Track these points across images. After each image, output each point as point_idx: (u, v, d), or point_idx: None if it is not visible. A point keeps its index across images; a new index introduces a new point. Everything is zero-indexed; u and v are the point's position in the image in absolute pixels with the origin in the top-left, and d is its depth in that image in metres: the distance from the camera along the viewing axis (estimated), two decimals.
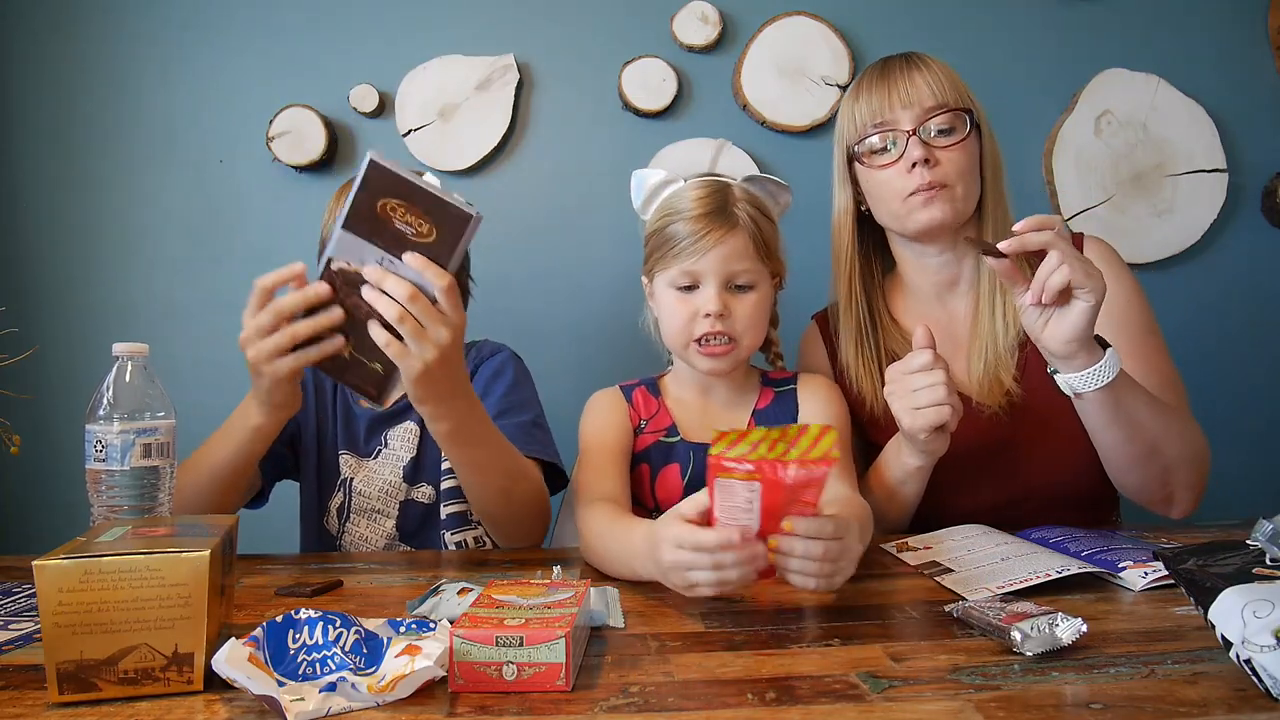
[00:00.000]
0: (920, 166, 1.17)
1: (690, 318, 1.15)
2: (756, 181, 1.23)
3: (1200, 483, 1.15)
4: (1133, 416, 1.05)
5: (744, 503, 0.81)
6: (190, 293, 1.80)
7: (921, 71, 1.19)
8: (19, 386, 1.28)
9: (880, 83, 1.21)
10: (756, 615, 0.85)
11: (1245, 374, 1.90)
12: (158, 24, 1.81)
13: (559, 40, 1.84)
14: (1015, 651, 0.72)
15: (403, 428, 1.31)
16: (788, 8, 1.82)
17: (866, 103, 1.21)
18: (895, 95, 1.19)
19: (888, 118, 1.19)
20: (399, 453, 1.30)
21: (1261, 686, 0.63)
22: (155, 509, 0.89)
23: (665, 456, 1.20)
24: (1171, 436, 1.09)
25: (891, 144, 1.19)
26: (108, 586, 0.65)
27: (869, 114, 1.21)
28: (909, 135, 1.18)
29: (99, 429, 0.87)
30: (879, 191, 1.22)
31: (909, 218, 1.20)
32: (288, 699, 0.63)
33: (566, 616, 0.70)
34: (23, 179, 1.81)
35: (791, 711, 0.63)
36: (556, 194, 1.85)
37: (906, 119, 1.18)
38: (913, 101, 1.18)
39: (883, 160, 1.20)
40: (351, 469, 1.31)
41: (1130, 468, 1.12)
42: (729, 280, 1.15)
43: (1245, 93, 1.87)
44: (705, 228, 1.13)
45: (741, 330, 1.16)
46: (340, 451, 1.32)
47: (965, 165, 1.19)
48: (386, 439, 1.31)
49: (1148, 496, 1.16)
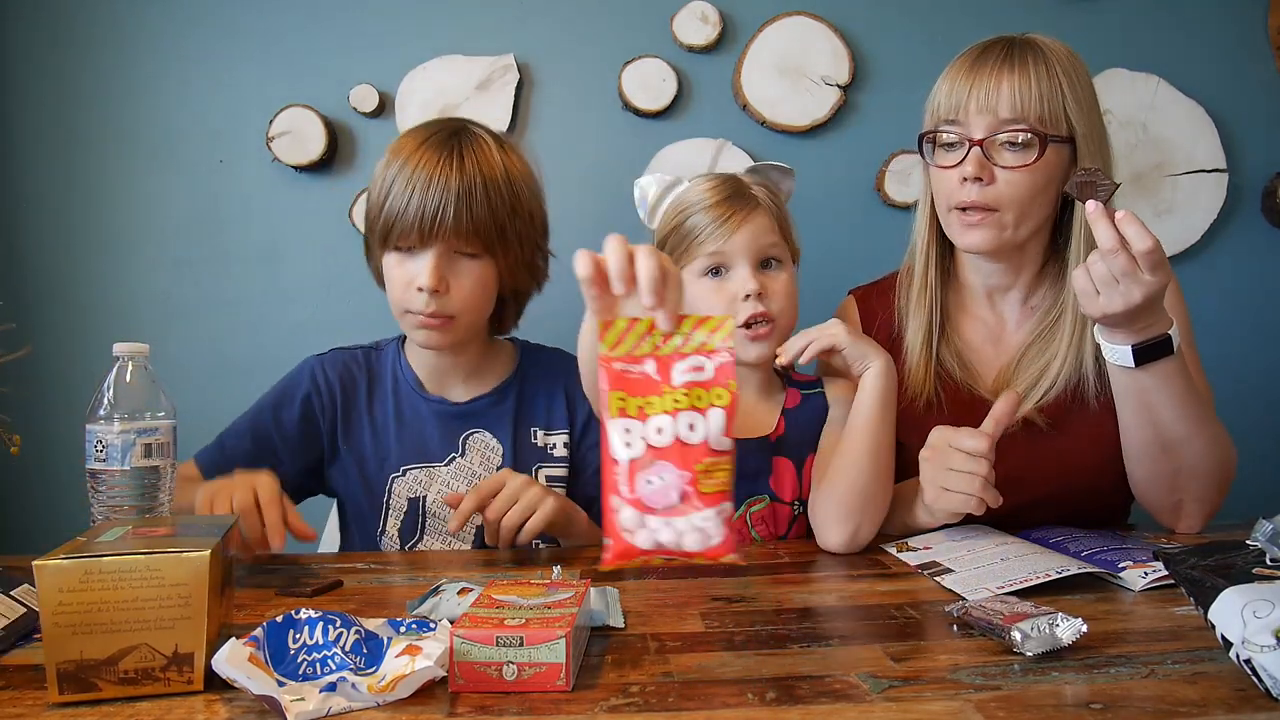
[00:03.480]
0: (972, 183, 1.10)
1: (727, 305, 1.13)
2: (759, 171, 1.22)
3: (1213, 499, 1.13)
4: (1155, 410, 1.04)
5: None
6: (190, 293, 1.80)
7: (1014, 73, 1.09)
8: (19, 386, 1.28)
9: (967, 75, 1.11)
10: (756, 615, 0.85)
11: (1245, 374, 1.90)
12: (158, 24, 1.81)
13: (559, 40, 1.84)
14: (1015, 651, 0.72)
15: (484, 439, 1.25)
16: (788, 8, 1.82)
17: (949, 93, 1.13)
18: (975, 95, 1.10)
19: (960, 118, 1.11)
20: (477, 468, 1.24)
21: (1261, 686, 0.63)
22: (155, 509, 0.89)
23: None
24: (1193, 443, 1.07)
25: (956, 146, 1.12)
26: (108, 586, 0.65)
27: (946, 106, 1.13)
28: (974, 145, 1.10)
29: (99, 429, 0.87)
30: (935, 187, 1.18)
31: (951, 230, 1.16)
32: (288, 699, 0.63)
33: (566, 616, 0.70)
34: (23, 179, 1.81)
35: (791, 711, 0.63)
36: (556, 194, 1.83)
37: (979, 126, 1.10)
38: (990, 108, 1.09)
39: (944, 160, 1.14)
40: (423, 485, 1.23)
41: (1139, 457, 1.10)
42: (760, 257, 1.14)
43: (1245, 93, 1.87)
44: (727, 211, 1.13)
45: (779, 310, 1.15)
46: (406, 468, 1.24)
47: (1025, 190, 1.11)
48: (465, 445, 1.25)
49: (1155, 499, 1.14)
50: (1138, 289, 0.94)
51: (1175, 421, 1.05)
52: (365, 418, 1.26)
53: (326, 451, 1.27)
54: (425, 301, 1.15)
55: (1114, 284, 0.95)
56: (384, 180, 1.17)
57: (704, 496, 0.70)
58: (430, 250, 1.15)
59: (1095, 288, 0.96)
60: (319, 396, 1.26)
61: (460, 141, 1.17)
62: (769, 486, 1.18)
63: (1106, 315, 0.97)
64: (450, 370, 1.28)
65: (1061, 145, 1.11)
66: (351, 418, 1.26)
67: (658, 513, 0.70)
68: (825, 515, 1.09)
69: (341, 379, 1.27)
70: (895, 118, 1.84)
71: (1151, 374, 1.02)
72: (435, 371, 1.28)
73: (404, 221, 1.14)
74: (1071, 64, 1.13)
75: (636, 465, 0.71)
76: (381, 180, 1.17)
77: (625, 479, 0.71)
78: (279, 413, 1.25)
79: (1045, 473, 1.16)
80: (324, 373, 1.27)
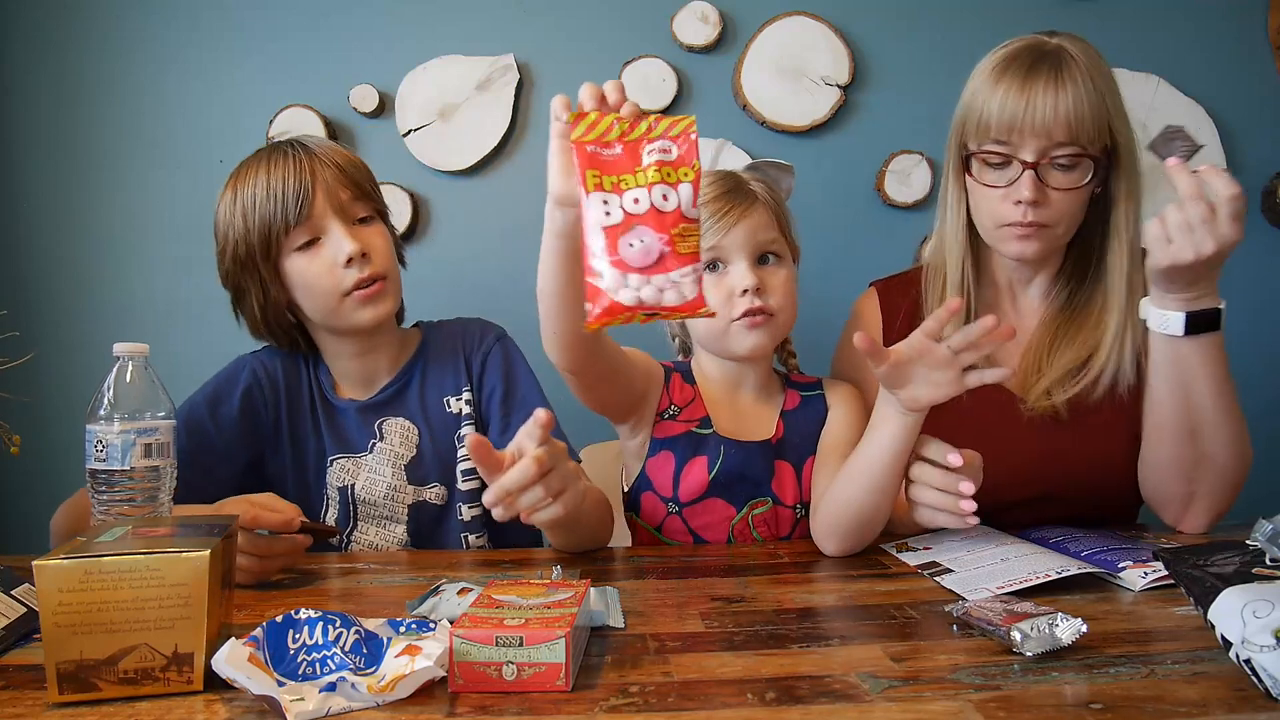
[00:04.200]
0: (1026, 205, 1.10)
1: (725, 300, 1.13)
2: (758, 168, 1.22)
3: (1224, 498, 1.13)
4: (1192, 386, 1.05)
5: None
6: (190, 293, 1.80)
7: (1065, 93, 1.07)
8: (19, 388, 1.28)
9: (1021, 90, 1.08)
10: (756, 615, 0.85)
11: (1245, 374, 1.88)
12: (158, 24, 1.81)
13: (559, 40, 1.84)
14: (1015, 652, 0.72)
15: (399, 423, 1.26)
16: (788, 8, 1.82)
17: (1000, 106, 1.09)
18: (1030, 114, 1.07)
19: (1013, 140, 1.09)
20: (398, 449, 1.25)
21: (1261, 686, 0.63)
22: (155, 509, 0.89)
23: (695, 448, 1.17)
24: (1220, 431, 1.07)
25: (1003, 165, 1.11)
26: (108, 586, 0.65)
27: (996, 124, 1.09)
28: (1026, 168, 1.09)
29: (99, 429, 0.87)
30: (978, 203, 1.17)
31: (998, 243, 1.16)
32: (288, 699, 0.63)
33: (566, 616, 0.70)
34: (23, 179, 1.81)
35: (791, 711, 0.63)
36: None
37: (1030, 149, 1.09)
38: (1044, 130, 1.07)
39: (992, 179, 1.12)
40: (349, 473, 1.24)
41: (1165, 438, 1.10)
42: (758, 252, 1.14)
43: (1245, 93, 1.87)
44: (725, 206, 1.13)
45: (778, 305, 1.14)
46: (334, 458, 1.25)
47: (1076, 206, 1.13)
48: (381, 430, 1.25)
49: (1168, 488, 1.13)
50: (1211, 239, 0.96)
51: (1209, 402, 1.06)
52: (307, 410, 1.27)
53: (270, 445, 1.25)
54: (360, 268, 1.17)
55: (1189, 231, 0.96)
56: (246, 202, 1.18)
57: (679, 257, 0.77)
58: (333, 224, 1.17)
59: (1169, 235, 0.97)
60: (261, 391, 1.25)
61: (299, 143, 1.23)
62: (771, 490, 1.18)
63: (1175, 264, 0.97)
64: (374, 373, 1.28)
65: (1105, 157, 1.13)
66: (296, 409, 1.27)
67: (639, 271, 0.77)
68: (826, 530, 1.08)
69: (284, 371, 1.27)
70: (895, 118, 1.84)
71: (1196, 347, 1.03)
72: (359, 375, 1.28)
73: (289, 213, 1.16)
74: (1103, 68, 1.12)
75: (617, 230, 0.78)
76: (241, 208, 1.18)
77: (608, 243, 0.78)
78: (216, 409, 1.23)
79: (1061, 466, 1.17)
80: (263, 366, 1.26)
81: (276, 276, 1.19)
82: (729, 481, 1.16)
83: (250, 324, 1.25)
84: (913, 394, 0.98)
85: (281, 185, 1.16)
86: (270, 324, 1.23)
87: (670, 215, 0.78)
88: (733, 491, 1.17)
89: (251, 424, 1.24)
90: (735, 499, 1.17)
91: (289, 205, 1.16)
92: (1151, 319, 1.05)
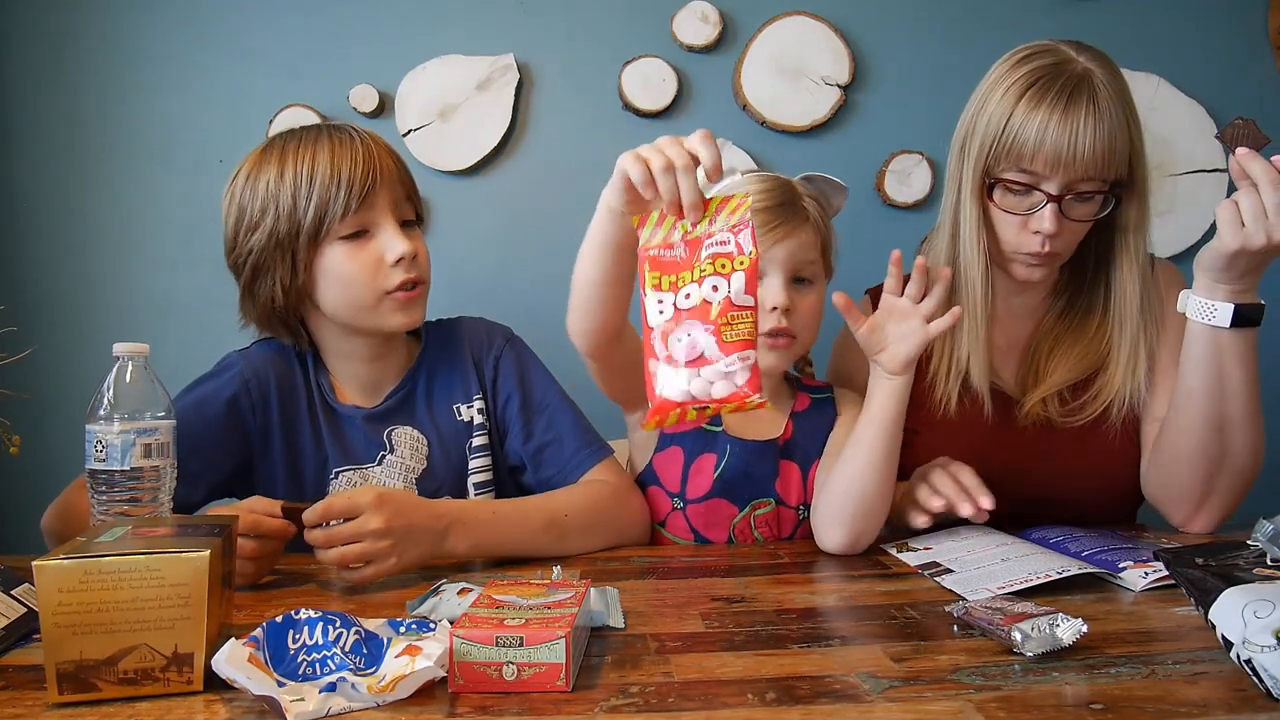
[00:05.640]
0: (1045, 237, 1.10)
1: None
2: (815, 182, 1.20)
3: (1233, 502, 1.13)
4: (1227, 380, 1.05)
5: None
6: (190, 293, 1.80)
7: (1105, 124, 1.06)
8: (18, 386, 1.28)
9: (1062, 124, 1.06)
10: (757, 615, 0.85)
11: None
12: (158, 24, 1.81)
13: (559, 40, 1.84)
14: (1015, 652, 0.72)
15: (408, 433, 1.20)
16: (788, 8, 1.82)
17: (1039, 137, 1.07)
18: (1072, 150, 1.06)
19: (1040, 170, 1.08)
20: (409, 462, 1.20)
21: (1261, 687, 0.63)
22: (155, 509, 0.89)
23: (704, 445, 1.18)
24: (1246, 429, 1.08)
25: (1025, 193, 1.11)
26: (108, 586, 0.65)
27: (1033, 154, 1.07)
28: (1050, 200, 1.09)
29: (99, 429, 0.87)
30: (997, 227, 1.15)
31: (1007, 264, 1.17)
32: (288, 699, 0.63)
33: (566, 617, 0.70)
34: (23, 179, 1.81)
35: (791, 711, 0.63)
36: (557, 194, 1.85)
37: (1057, 181, 1.08)
38: (1073, 164, 1.06)
39: (1012, 205, 1.12)
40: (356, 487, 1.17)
41: (1192, 432, 1.09)
42: (795, 273, 1.13)
43: (1245, 93, 1.87)
44: (774, 220, 1.11)
45: (801, 328, 1.14)
46: (339, 470, 1.18)
47: (1084, 232, 1.14)
48: (391, 441, 1.20)
49: (1186, 486, 1.12)
50: None
51: (1238, 400, 1.06)
52: (304, 414, 1.20)
53: (258, 449, 1.18)
54: (406, 269, 1.13)
55: (1263, 218, 0.95)
56: (302, 178, 1.11)
57: (726, 345, 0.80)
58: (387, 220, 1.13)
59: (1243, 219, 0.97)
60: (248, 393, 1.17)
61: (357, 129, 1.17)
62: (775, 490, 1.18)
63: (1245, 248, 0.97)
64: (382, 379, 1.23)
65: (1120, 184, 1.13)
66: (291, 412, 1.20)
67: (686, 365, 0.79)
68: (827, 519, 1.09)
69: (277, 370, 1.20)
70: (895, 118, 1.84)
71: (1235, 341, 1.03)
72: (367, 380, 1.23)
73: (351, 197, 1.10)
74: (1127, 95, 1.11)
75: (668, 329, 0.81)
76: (293, 182, 1.11)
77: (659, 342, 0.81)
78: (203, 410, 1.15)
79: (1061, 472, 1.18)
80: (252, 366, 1.19)
81: (311, 262, 1.13)
82: (733, 480, 1.17)
83: (260, 312, 1.17)
84: (892, 353, 1.05)
85: (349, 168, 1.10)
86: (284, 313, 1.16)
87: (719, 306, 0.80)
88: (736, 491, 1.17)
89: (238, 428, 1.17)
90: (738, 498, 1.17)
91: (353, 190, 1.10)
92: (1192, 309, 1.05)
